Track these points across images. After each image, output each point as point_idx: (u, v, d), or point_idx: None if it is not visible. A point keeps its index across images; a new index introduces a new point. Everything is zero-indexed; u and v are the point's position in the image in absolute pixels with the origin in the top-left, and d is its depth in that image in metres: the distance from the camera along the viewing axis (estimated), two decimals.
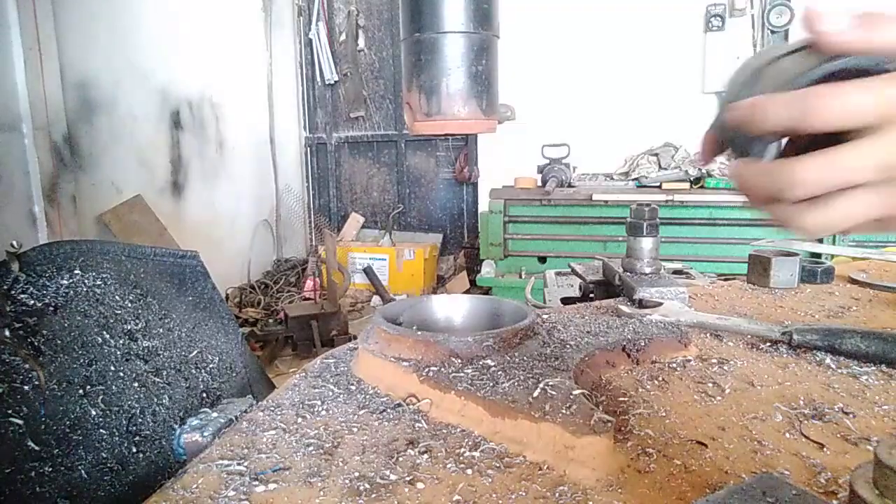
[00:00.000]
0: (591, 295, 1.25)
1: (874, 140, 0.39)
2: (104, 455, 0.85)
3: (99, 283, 1.02)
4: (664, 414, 0.68)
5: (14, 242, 0.93)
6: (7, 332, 0.84)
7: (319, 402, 0.71)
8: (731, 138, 0.46)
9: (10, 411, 0.78)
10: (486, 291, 4.13)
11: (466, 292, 4.73)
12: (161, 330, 1.09)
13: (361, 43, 5.81)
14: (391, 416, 0.67)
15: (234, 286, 5.17)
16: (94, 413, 0.87)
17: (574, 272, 1.37)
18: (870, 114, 0.39)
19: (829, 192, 0.41)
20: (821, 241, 2.25)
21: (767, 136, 0.43)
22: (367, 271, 5.22)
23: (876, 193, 0.40)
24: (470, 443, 0.61)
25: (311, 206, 6.35)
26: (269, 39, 5.81)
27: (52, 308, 0.92)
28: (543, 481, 0.55)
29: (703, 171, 4.04)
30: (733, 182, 0.46)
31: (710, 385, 0.76)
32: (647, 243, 1.07)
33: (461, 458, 0.59)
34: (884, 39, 0.39)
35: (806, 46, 0.42)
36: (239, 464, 0.58)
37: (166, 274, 1.24)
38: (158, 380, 1.01)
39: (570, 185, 4.22)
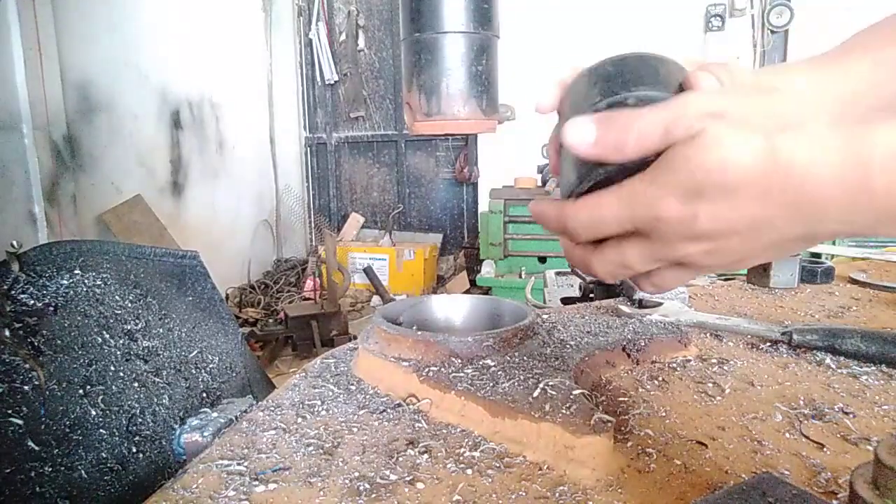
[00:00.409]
0: (591, 295, 1.25)
1: (639, 241, 0.40)
2: (104, 455, 0.85)
3: (99, 283, 1.02)
4: (664, 414, 0.68)
5: (14, 242, 0.93)
6: (7, 332, 0.84)
7: (319, 402, 0.71)
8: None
9: (10, 411, 0.78)
10: (486, 291, 4.13)
11: (466, 292, 4.73)
12: (161, 330, 1.09)
13: (361, 43, 5.81)
14: (391, 416, 0.67)
15: (234, 286, 5.17)
16: (94, 413, 0.87)
17: (574, 272, 1.37)
18: (622, 223, 0.39)
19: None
20: None
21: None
22: (367, 271, 5.22)
23: (666, 271, 0.43)
24: (470, 443, 0.61)
25: (311, 206, 6.35)
26: (269, 39, 5.81)
27: (52, 308, 0.92)
28: (543, 481, 0.55)
29: None
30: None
31: (710, 385, 0.76)
32: None
33: (461, 458, 0.59)
34: (631, 146, 0.38)
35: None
36: (239, 464, 0.58)
37: (166, 274, 1.24)
38: (158, 380, 1.01)
39: None
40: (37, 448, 0.78)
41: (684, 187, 0.37)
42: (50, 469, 0.79)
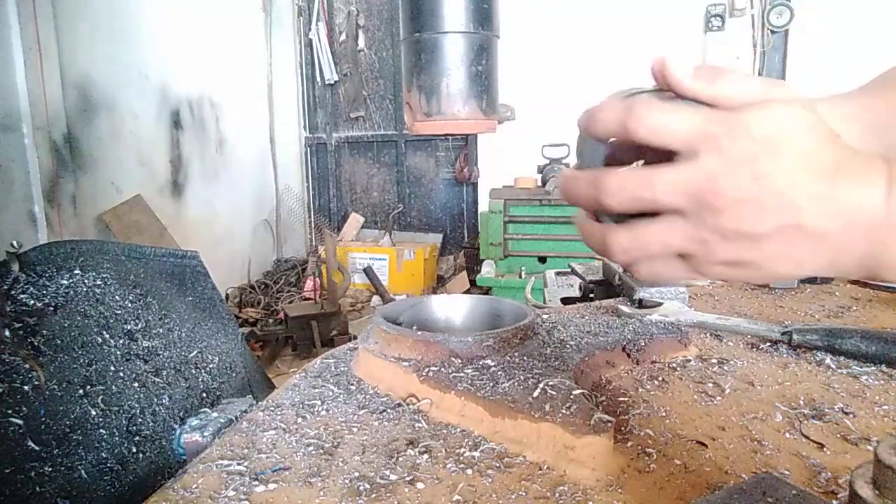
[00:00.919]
0: (591, 295, 1.25)
1: (686, 165, 0.39)
2: (104, 455, 0.85)
3: (99, 283, 1.02)
4: (664, 414, 0.68)
5: (14, 242, 0.93)
6: (7, 332, 0.84)
7: (319, 402, 0.71)
8: (578, 153, 0.48)
9: (10, 411, 0.78)
10: (486, 291, 4.12)
11: (466, 292, 4.73)
12: (161, 330, 1.09)
13: (361, 43, 5.81)
14: (391, 416, 0.67)
15: (234, 286, 5.17)
16: (94, 413, 0.87)
17: (574, 272, 1.37)
18: (686, 133, 0.39)
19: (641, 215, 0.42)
20: None
21: (599, 141, 0.45)
22: (367, 271, 5.22)
23: (683, 222, 0.40)
24: (470, 443, 0.61)
25: (311, 206, 6.35)
26: (269, 39, 5.81)
27: (52, 308, 0.92)
28: (543, 481, 0.55)
29: None
30: (560, 189, 0.47)
31: (710, 385, 0.76)
32: None
33: (461, 458, 0.59)
34: (723, 90, 0.41)
35: (659, 90, 0.44)
36: (239, 464, 0.58)
37: (166, 274, 1.24)
38: (158, 380, 1.01)
39: None
40: (37, 448, 0.78)
41: (753, 133, 0.38)
42: (50, 469, 0.79)
